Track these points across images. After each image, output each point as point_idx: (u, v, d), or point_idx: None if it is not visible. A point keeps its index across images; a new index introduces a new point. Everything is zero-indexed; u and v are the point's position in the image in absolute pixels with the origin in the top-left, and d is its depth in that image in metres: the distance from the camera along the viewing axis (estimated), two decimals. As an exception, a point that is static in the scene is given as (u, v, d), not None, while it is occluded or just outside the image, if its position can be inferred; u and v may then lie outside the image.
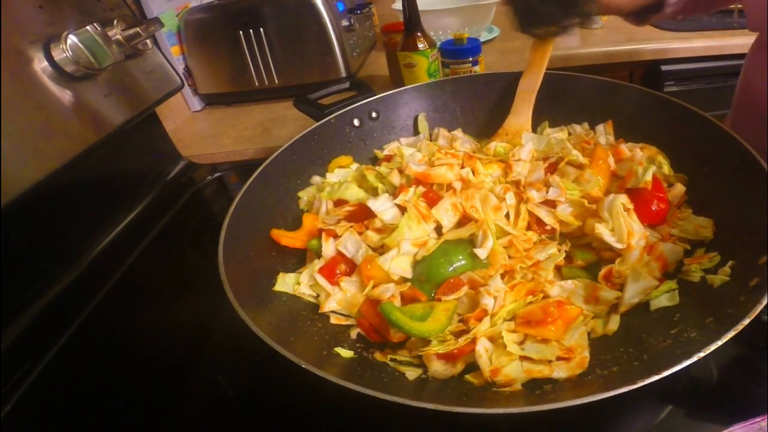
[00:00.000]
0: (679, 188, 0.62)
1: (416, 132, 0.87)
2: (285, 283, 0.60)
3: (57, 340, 0.65)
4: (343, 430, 0.52)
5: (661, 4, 0.68)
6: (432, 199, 0.63)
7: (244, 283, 0.54)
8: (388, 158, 0.79)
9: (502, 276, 0.55)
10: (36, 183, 0.64)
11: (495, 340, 0.50)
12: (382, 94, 0.86)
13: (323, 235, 0.64)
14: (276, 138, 1.12)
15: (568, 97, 0.80)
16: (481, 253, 0.55)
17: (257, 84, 1.29)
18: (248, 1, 1.20)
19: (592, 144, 0.71)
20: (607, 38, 1.36)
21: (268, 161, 0.72)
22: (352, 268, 0.61)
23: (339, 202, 0.70)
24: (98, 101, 0.77)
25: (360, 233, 0.63)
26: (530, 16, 0.70)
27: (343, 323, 0.57)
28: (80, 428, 0.56)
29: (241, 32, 1.21)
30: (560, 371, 0.46)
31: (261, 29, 1.20)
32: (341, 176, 0.78)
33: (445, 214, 0.61)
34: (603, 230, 0.55)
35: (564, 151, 0.68)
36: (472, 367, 0.49)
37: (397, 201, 0.63)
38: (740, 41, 1.22)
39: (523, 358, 0.48)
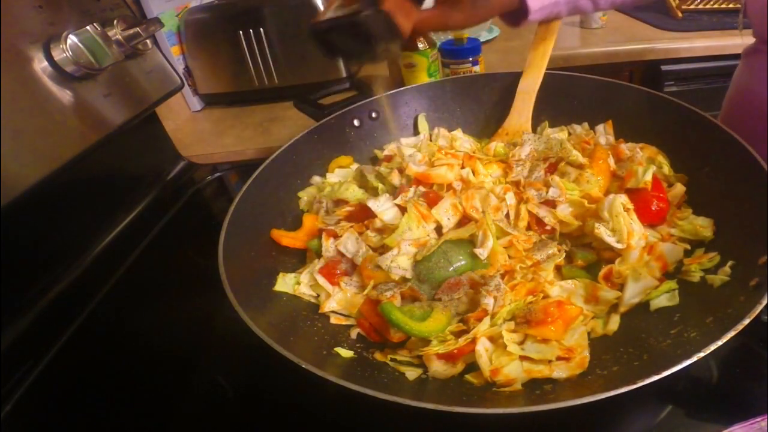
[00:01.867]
0: (679, 188, 0.62)
1: (416, 132, 0.87)
2: (285, 283, 0.60)
3: (57, 340, 0.65)
4: (343, 430, 0.52)
5: (524, 12, 0.65)
6: (432, 199, 0.63)
7: (244, 283, 0.54)
8: (388, 158, 0.79)
9: (502, 276, 0.55)
10: (36, 183, 0.64)
11: (495, 340, 0.50)
12: (382, 94, 0.85)
13: (323, 235, 0.64)
14: (276, 138, 1.12)
15: (568, 97, 0.80)
16: (481, 253, 0.55)
17: (257, 84, 1.29)
18: (248, 1, 1.20)
19: (592, 144, 0.71)
20: (607, 38, 1.36)
21: (268, 161, 0.72)
22: (352, 268, 0.61)
23: (339, 202, 0.70)
24: (98, 101, 0.77)
25: (360, 233, 0.63)
26: (330, 47, 0.61)
27: (343, 323, 0.57)
28: (80, 428, 0.56)
29: (241, 32, 1.21)
30: (560, 371, 0.46)
31: (261, 29, 1.20)
32: (341, 176, 0.78)
33: (445, 214, 0.61)
34: (603, 230, 0.55)
35: (564, 151, 0.68)
36: (472, 367, 0.49)
37: (397, 201, 0.63)
38: (740, 41, 1.22)
39: (523, 358, 0.48)
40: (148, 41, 0.88)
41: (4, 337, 0.63)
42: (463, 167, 0.68)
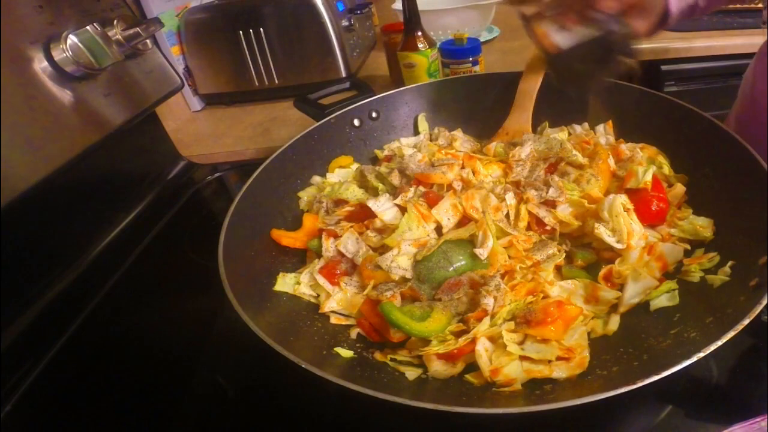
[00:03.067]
0: (679, 188, 0.62)
1: (416, 132, 0.87)
2: (285, 283, 0.60)
3: (57, 340, 0.65)
4: (343, 430, 0.52)
5: (665, 18, 0.66)
6: (432, 199, 0.63)
7: (244, 283, 0.54)
8: (388, 158, 0.79)
9: (502, 276, 0.55)
10: (36, 183, 0.64)
11: (495, 340, 0.50)
12: (382, 94, 0.86)
13: (323, 235, 0.64)
14: (276, 138, 1.12)
15: (568, 97, 0.80)
16: (481, 253, 0.55)
17: (257, 84, 1.29)
18: (248, 1, 1.20)
19: (592, 144, 0.71)
20: (607, 38, 1.36)
21: (268, 161, 0.72)
22: (352, 268, 0.61)
23: (339, 202, 0.70)
24: (98, 101, 0.77)
25: (360, 233, 0.63)
26: (568, 74, 0.65)
27: (343, 323, 0.57)
28: (80, 428, 0.56)
29: (241, 32, 1.21)
30: (560, 371, 0.46)
31: (261, 29, 1.20)
32: (341, 176, 0.78)
33: (445, 214, 0.61)
34: (603, 230, 0.55)
35: (564, 151, 0.68)
36: (472, 367, 0.49)
37: (397, 201, 0.63)
38: (740, 41, 1.22)
39: (523, 358, 0.48)
40: (148, 41, 0.88)
41: (4, 337, 0.63)
42: (463, 167, 0.68)
